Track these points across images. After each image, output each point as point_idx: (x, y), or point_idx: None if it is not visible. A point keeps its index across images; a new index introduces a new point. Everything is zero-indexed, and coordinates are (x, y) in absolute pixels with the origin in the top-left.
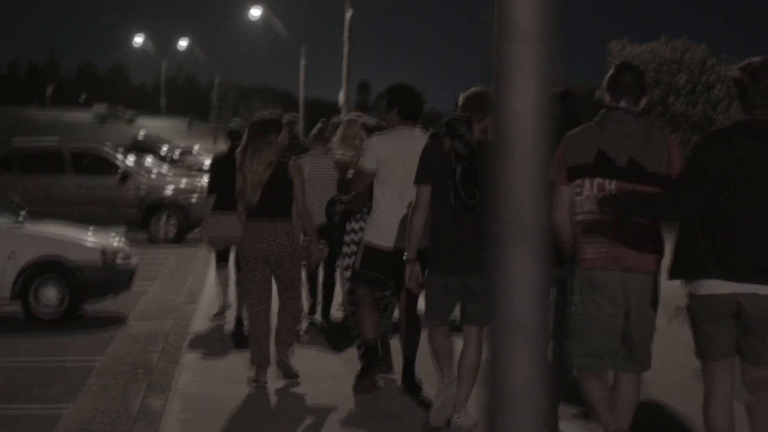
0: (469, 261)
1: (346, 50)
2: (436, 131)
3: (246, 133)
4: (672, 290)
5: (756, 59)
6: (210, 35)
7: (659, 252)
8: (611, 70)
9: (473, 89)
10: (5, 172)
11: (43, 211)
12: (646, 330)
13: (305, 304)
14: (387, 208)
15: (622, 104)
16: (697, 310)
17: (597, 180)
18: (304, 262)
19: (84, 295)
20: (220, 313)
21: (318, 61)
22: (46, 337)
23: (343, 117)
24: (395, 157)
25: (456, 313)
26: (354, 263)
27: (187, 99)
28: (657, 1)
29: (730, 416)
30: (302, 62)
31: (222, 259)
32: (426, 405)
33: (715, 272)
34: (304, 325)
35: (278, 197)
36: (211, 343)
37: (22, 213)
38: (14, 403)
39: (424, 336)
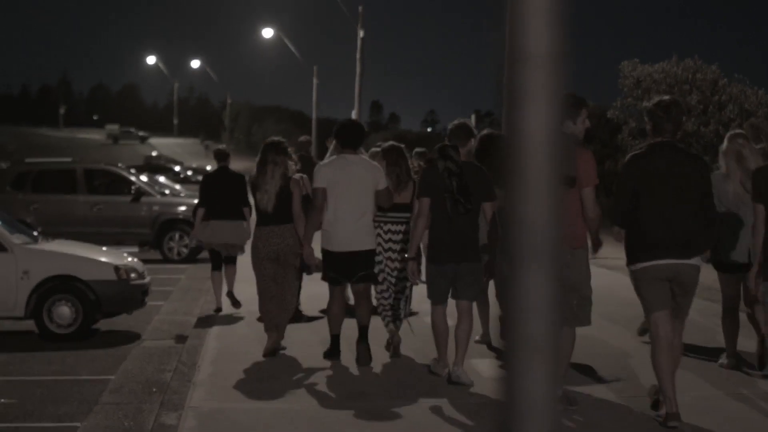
0: (460, 252)
1: (358, 70)
2: (431, 156)
3: (262, 152)
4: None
5: (666, 97)
6: (222, 56)
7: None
8: None
9: (456, 122)
10: (19, 192)
11: (56, 231)
12: (569, 291)
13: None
14: (333, 219)
15: None
16: (641, 276)
17: None
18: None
19: (97, 313)
20: (218, 311)
21: (330, 81)
22: (59, 354)
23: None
24: (338, 178)
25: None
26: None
27: (199, 119)
28: (668, 21)
29: (672, 356)
30: (314, 82)
31: (216, 267)
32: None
33: (652, 256)
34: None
35: (285, 206)
36: (224, 361)
37: (36, 232)
38: (28, 421)
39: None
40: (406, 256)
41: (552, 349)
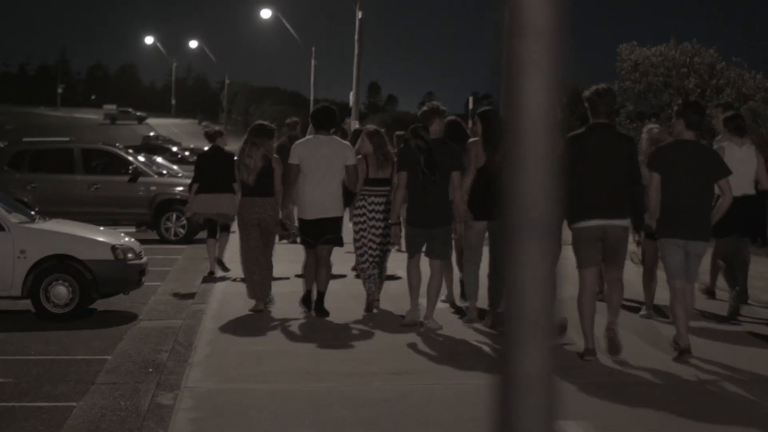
0: (432, 217)
1: (356, 51)
2: (405, 136)
3: (248, 133)
4: None
5: (601, 85)
6: (220, 36)
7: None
8: None
9: (427, 105)
10: (16, 172)
11: (53, 211)
12: None
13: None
14: (305, 191)
15: None
16: (578, 236)
17: None
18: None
19: (94, 293)
20: (210, 274)
21: (328, 62)
22: (56, 334)
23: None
24: (310, 155)
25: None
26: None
27: (196, 100)
28: (666, 4)
29: (593, 304)
30: (312, 63)
31: (211, 235)
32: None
33: (586, 216)
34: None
35: (266, 181)
36: (220, 342)
37: (33, 212)
38: (24, 400)
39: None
40: (389, 222)
41: (548, 324)
